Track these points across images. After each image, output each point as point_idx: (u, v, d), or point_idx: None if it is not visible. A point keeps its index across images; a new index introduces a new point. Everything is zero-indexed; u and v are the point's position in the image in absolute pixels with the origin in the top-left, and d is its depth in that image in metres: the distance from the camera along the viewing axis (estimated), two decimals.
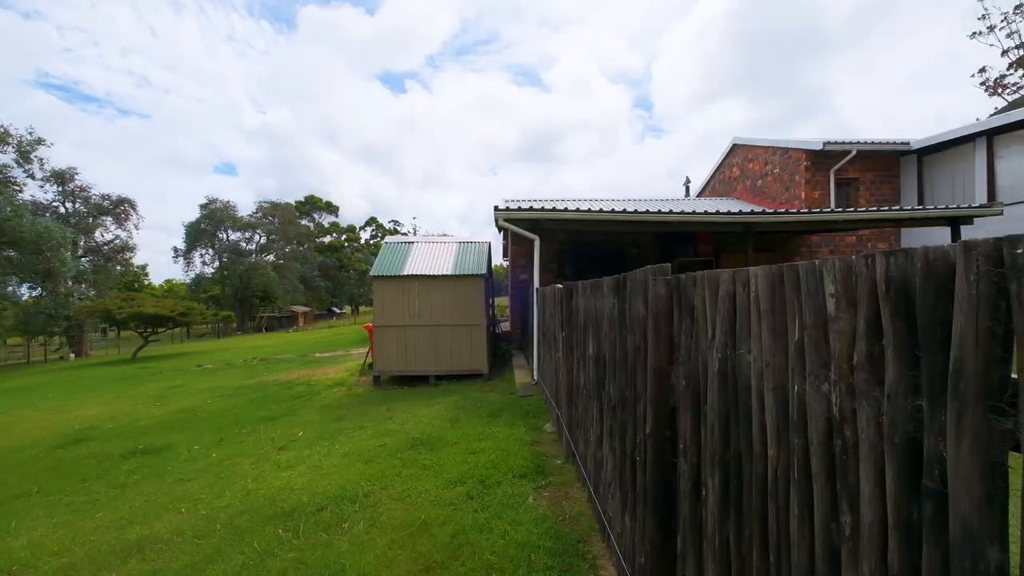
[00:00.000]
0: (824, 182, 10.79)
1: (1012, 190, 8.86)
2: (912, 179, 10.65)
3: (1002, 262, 0.68)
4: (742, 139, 13.27)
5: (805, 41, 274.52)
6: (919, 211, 6.88)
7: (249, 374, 11.80)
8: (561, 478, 3.98)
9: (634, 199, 14.03)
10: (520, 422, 5.53)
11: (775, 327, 1.17)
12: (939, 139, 9.93)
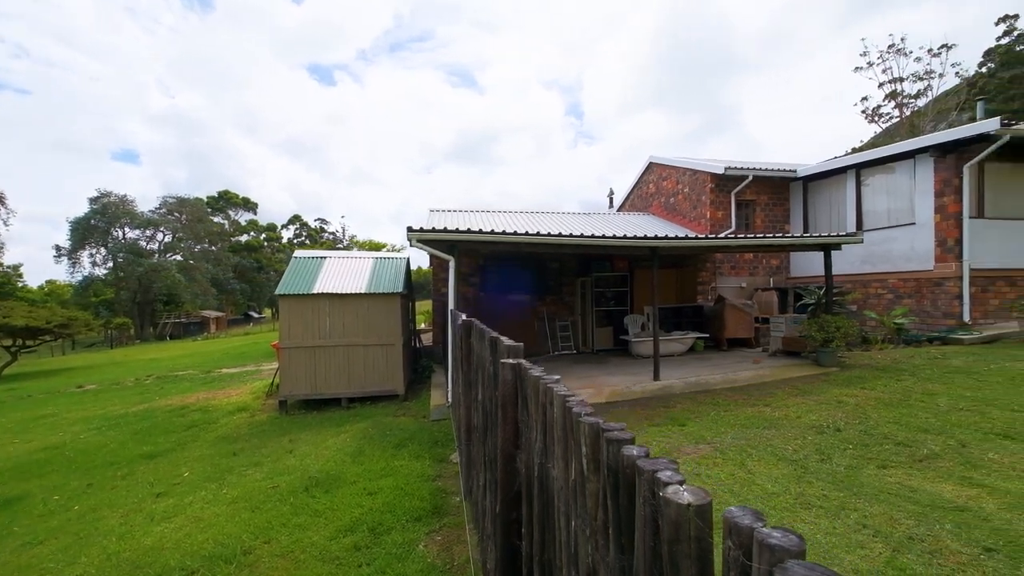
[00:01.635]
0: (727, 202, 11.67)
1: (874, 216, 10.08)
2: (799, 202, 11.80)
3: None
4: (657, 158, 14.02)
5: (719, 61, 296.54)
6: (798, 239, 7.62)
7: (139, 397, 10.68)
8: (457, 519, 3.95)
9: (561, 212, 14.36)
10: (426, 453, 5.44)
11: (566, 457, 1.20)
12: (819, 169, 11.08)
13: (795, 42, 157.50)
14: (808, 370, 7.56)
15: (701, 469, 4.33)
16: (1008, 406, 5.14)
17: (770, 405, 6.06)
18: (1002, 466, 3.87)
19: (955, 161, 8.52)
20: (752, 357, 8.84)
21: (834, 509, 3.46)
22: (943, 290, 8.70)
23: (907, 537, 3.05)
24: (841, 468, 4.12)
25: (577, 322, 11.20)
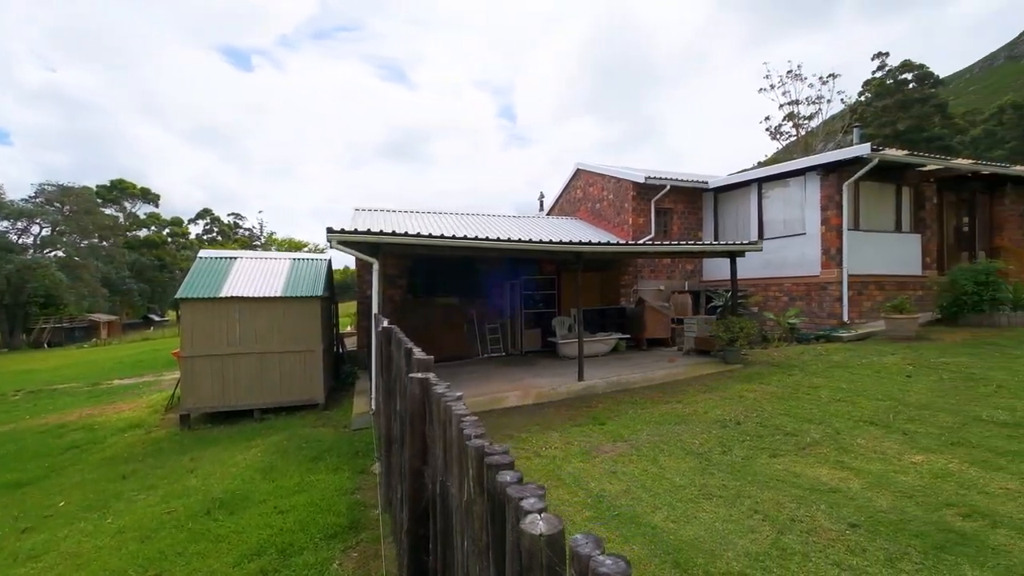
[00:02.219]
0: (647, 209, 12.33)
1: (773, 225, 11.14)
2: (711, 211, 12.75)
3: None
4: (584, 165, 14.51)
5: (643, 74, 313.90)
6: (708, 246, 8.25)
7: (3, 416, 9.27)
8: (376, 532, 3.82)
9: (493, 215, 14.42)
10: (346, 465, 5.22)
11: (460, 477, 1.20)
12: (727, 182, 12.04)
13: (710, 62, 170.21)
14: (716, 367, 8.18)
15: (618, 467, 4.53)
16: (874, 396, 5.89)
17: (682, 402, 6.48)
18: (867, 450, 4.42)
19: (837, 179, 9.63)
20: (668, 356, 9.41)
21: (731, 497, 3.77)
22: (827, 293, 9.80)
23: (790, 519, 3.39)
24: (739, 459, 4.49)
25: (507, 324, 11.30)
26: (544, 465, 4.65)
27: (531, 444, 5.28)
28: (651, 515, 3.58)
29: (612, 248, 7.63)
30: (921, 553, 2.90)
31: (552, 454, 4.94)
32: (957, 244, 11.67)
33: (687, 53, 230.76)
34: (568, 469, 4.54)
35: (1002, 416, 4.89)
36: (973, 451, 4.19)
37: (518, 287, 11.20)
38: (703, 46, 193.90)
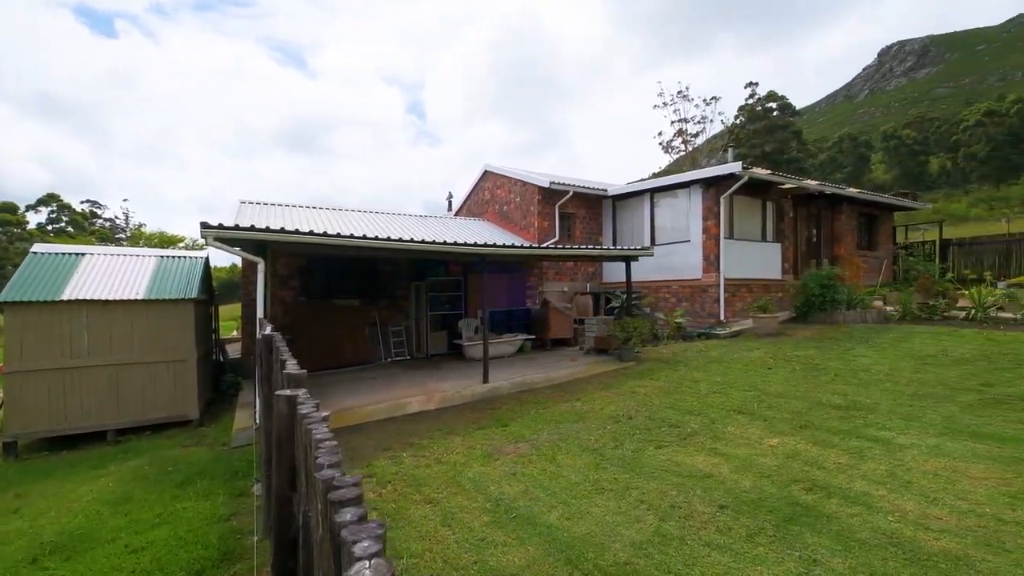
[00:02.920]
0: (552, 214, 12.73)
1: (664, 232, 12.09)
2: (610, 217, 13.52)
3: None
4: (491, 167, 14.62)
5: (550, 83, 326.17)
6: (606, 251, 8.72)
7: None
8: (251, 563, 3.45)
9: (398, 214, 13.93)
10: (222, 488, 4.67)
11: (317, 508, 1.08)
12: (624, 190, 12.86)
13: (611, 77, 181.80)
14: (613, 365, 8.67)
15: (518, 468, 4.57)
16: (742, 387, 6.61)
17: (580, 400, 6.75)
18: (736, 436, 4.94)
19: (715, 193, 10.72)
20: (570, 356, 9.78)
21: (621, 490, 3.97)
22: (708, 295, 10.86)
23: (670, 506, 3.65)
24: (630, 452, 4.77)
25: (412, 327, 10.98)
26: (444, 471, 4.56)
27: (432, 450, 5.15)
28: (547, 514, 3.65)
29: (515, 251, 7.74)
30: (774, 527, 3.27)
31: (453, 459, 4.86)
32: (808, 252, 13.59)
33: (590, 67, 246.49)
34: (469, 474, 4.49)
35: (837, 400, 5.75)
36: (815, 432, 4.86)
37: (424, 289, 10.95)
38: (605, 62, 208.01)
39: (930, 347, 7.63)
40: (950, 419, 4.94)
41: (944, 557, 2.82)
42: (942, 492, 3.54)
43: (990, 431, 4.56)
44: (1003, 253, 15.51)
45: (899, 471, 3.91)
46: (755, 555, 2.98)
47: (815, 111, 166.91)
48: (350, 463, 4.87)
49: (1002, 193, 55.62)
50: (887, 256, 15.89)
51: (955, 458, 4.06)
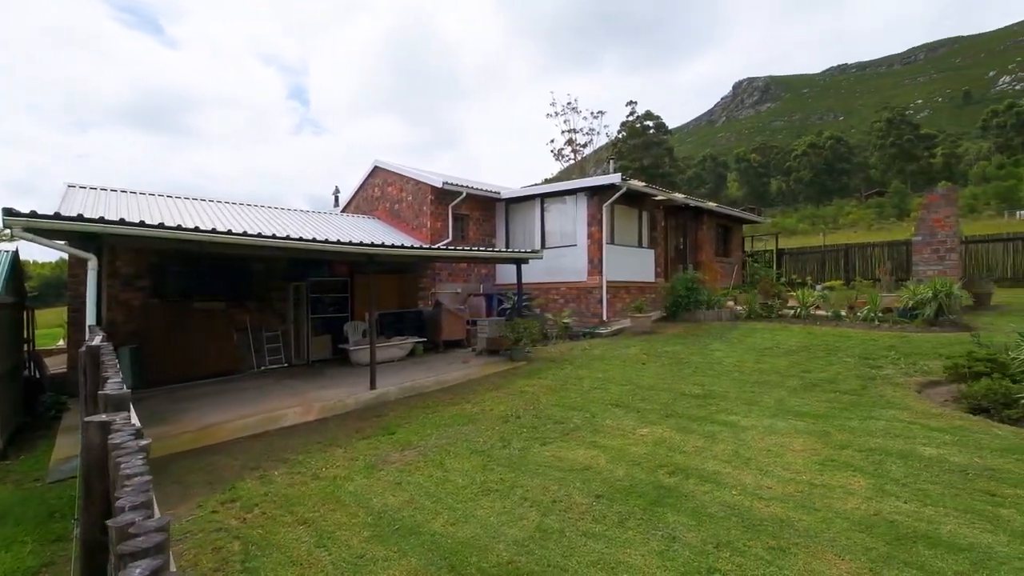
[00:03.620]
0: (445, 214, 12.61)
1: (553, 236, 12.64)
2: (503, 220, 13.77)
3: None
4: (382, 163, 14.06)
5: (446, 84, 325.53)
6: (498, 253, 8.88)
7: None
8: None
9: (276, 207, 12.72)
10: (30, 533, 3.82)
11: None
12: (517, 194, 13.20)
13: (508, 82, 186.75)
14: (504, 366, 8.83)
15: (404, 476, 4.42)
16: (620, 382, 7.15)
17: (471, 402, 6.76)
18: (613, 429, 5.31)
19: (598, 201, 11.49)
20: (463, 357, 9.76)
21: (507, 490, 4.04)
22: (592, 296, 11.59)
23: (552, 501, 3.79)
24: (516, 451, 4.87)
25: (289, 332, 10.10)
26: (322, 488, 4.24)
27: (310, 466, 4.77)
28: (432, 522, 3.57)
29: (406, 251, 7.51)
30: (642, 510, 3.56)
31: (333, 473, 4.55)
32: (676, 258, 15.19)
33: (486, 70, 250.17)
34: (350, 488, 4.24)
35: (696, 390, 6.48)
36: (679, 420, 5.42)
37: (305, 290, 10.14)
38: (501, 67, 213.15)
39: (768, 341, 8.96)
40: (780, 402, 5.83)
41: (772, 521, 3.30)
42: (773, 465, 4.16)
43: (807, 410, 5.48)
44: (820, 261, 18.86)
45: (742, 450, 4.51)
46: (625, 539, 3.21)
47: (684, 131, 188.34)
48: (208, 489, 4.31)
49: (820, 212, 67.48)
50: (738, 262, 18.38)
51: (783, 435, 4.80)
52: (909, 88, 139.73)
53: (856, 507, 3.42)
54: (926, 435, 4.54)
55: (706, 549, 3.05)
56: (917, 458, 4.09)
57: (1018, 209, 44.43)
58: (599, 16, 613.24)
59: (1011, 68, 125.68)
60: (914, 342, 7.91)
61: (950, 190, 11.59)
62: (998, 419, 4.79)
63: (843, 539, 3.05)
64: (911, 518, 3.23)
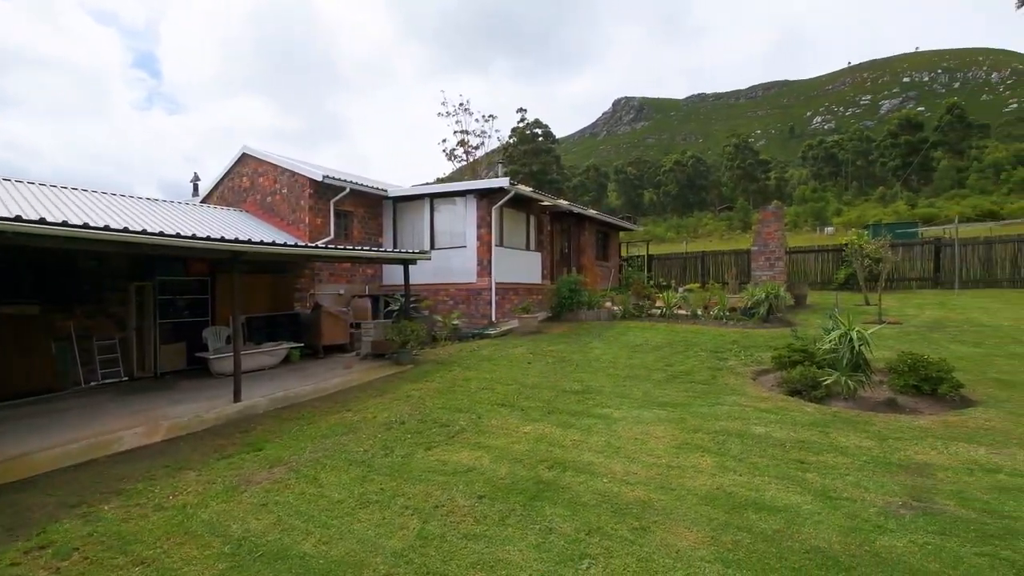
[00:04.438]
0: (326, 210, 11.80)
1: (443, 237, 12.53)
2: (390, 219, 13.31)
3: None
4: (253, 151, 12.73)
5: (328, 72, 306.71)
6: (383, 253, 8.54)
7: None
8: None
9: (121, 194, 10.80)
10: None
11: None
12: (405, 193, 12.85)
13: (395, 77, 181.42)
14: (390, 370, 8.51)
15: (271, 496, 4.03)
16: (506, 381, 7.31)
17: (352, 409, 6.40)
18: (497, 428, 5.40)
19: (488, 203, 11.66)
20: (345, 362, 9.22)
21: (387, 500, 3.88)
22: (481, 298, 11.72)
23: (434, 506, 3.74)
24: (399, 458, 4.71)
25: (131, 339, 8.64)
26: (167, 519, 3.69)
27: (152, 495, 4.12)
28: (302, 543, 3.30)
29: (279, 249, 6.87)
30: (522, 506, 3.67)
31: (183, 501, 3.98)
32: (561, 261, 16.03)
33: (373, 64, 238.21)
34: (203, 516, 3.74)
35: (576, 387, 6.88)
36: (559, 416, 5.70)
37: (151, 291, 8.76)
38: (389, 62, 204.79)
39: (639, 338, 9.85)
40: (647, 393, 6.44)
41: (636, 504, 3.62)
42: (639, 452, 4.56)
43: (668, 400, 6.12)
44: (682, 266, 21.26)
45: (613, 440, 4.88)
46: (505, 536, 3.28)
47: (570, 141, 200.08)
48: (7, 537, 3.50)
49: (684, 222, 76.25)
50: (615, 266, 19.97)
51: (648, 424, 5.30)
52: (751, 119, 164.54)
53: (703, 483, 3.89)
54: (757, 416, 5.34)
55: (579, 537, 3.24)
56: (750, 436, 4.79)
57: (826, 225, 54.77)
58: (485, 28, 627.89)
59: (821, 111, 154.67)
60: (752, 337, 9.28)
61: (778, 208, 13.84)
62: (808, 399, 5.81)
63: (693, 513, 3.45)
64: (744, 488, 3.77)
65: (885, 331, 9.00)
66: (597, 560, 2.98)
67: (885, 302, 11.82)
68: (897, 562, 2.82)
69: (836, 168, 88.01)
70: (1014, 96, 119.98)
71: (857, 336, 5.89)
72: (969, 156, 72.47)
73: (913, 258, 16.32)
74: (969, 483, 3.69)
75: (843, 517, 3.30)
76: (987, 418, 5.00)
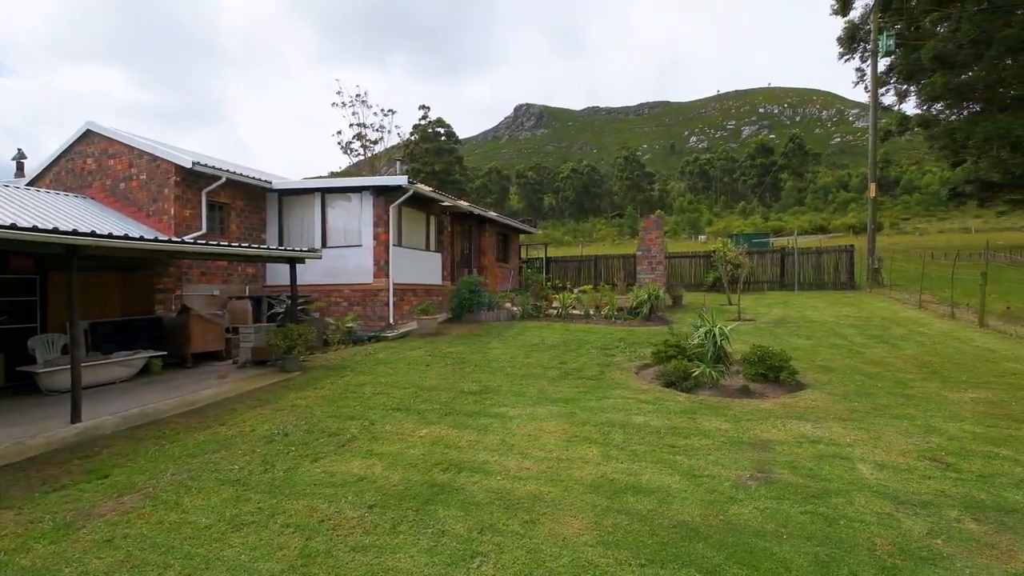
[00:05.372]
0: (197, 201, 10.52)
1: (336, 234, 11.85)
2: (275, 213, 12.25)
3: None
4: (101, 128, 10.91)
5: (201, 47, 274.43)
6: (264, 250, 7.80)
7: None
8: None
9: None
10: None
11: None
12: (293, 186, 11.93)
13: (282, 59, 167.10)
14: (274, 378, 7.83)
15: (117, 530, 3.48)
16: (403, 385, 7.12)
17: (226, 423, 5.77)
18: (392, 434, 5.23)
19: (385, 201, 11.26)
20: (219, 371, 8.29)
21: (265, 519, 3.56)
22: (378, 299, 11.28)
23: (319, 521, 3.51)
24: (281, 473, 4.35)
25: None
26: None
27: None
28: None
29: (132, 244, 5.95)
30: (415, 512, 3.59)
31: None
32: (462, 262, 16.03)
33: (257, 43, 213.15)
34: (23, 562, 3.13)
35: (474, 387, 6.92)
36: (457, 417, 5.69)
37: None
38: (274, 42, 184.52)
39: (536, 338, 10.20)
40: (542, 391, 6.68)
41: (527, 498, 3.74)
42: (532, 448, 4.72)
43: (562, 396, 6.42)
44: (577, 269, 22.46)
45: (508, 438, 4.99)
46: (395, 544, 3.18)
47: (473, 143, 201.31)
48: None
49: (581, 226, 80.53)
50: (515, 268, 20.48)
51: (541, 420, 5.50)
52: (639, 134, 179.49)
53: (589, 473, 4.14)
54: (638, 407, 5.82)
55: (471, 536, 3.25)
56: (631, 426, 5.21)
57: (700, 234, 61.56)
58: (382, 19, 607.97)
59: (696, 131, 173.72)
60: (636, 334, 10.10)
61: (659, 217, 15.25)
62: (680, 389, 6.47)
63: (579, 502, 3.66)
64: (624, 474, 4.08)
65: (742, 327, 10.37)
66: (488, 557, 3.02)
67: (743, 302, 13.61)
68: (744, 527, 3.26)
69: (708, 183, 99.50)
70: (838, 132, 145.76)
71: (719, 332, 6.70)
72: (807, 179, 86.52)
73: (765, 264, 19.00)
74: (799, 454, 4.38)
75: (704, 492, 3.73)
76: (814, 399, 5.98)
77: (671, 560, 2.94)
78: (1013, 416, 5.24)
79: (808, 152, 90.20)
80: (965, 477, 3.88)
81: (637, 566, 2.90)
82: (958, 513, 3.36)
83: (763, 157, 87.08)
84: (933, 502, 3.51)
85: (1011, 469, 4.01)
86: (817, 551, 2.99)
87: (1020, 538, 3.07)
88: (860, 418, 5.27)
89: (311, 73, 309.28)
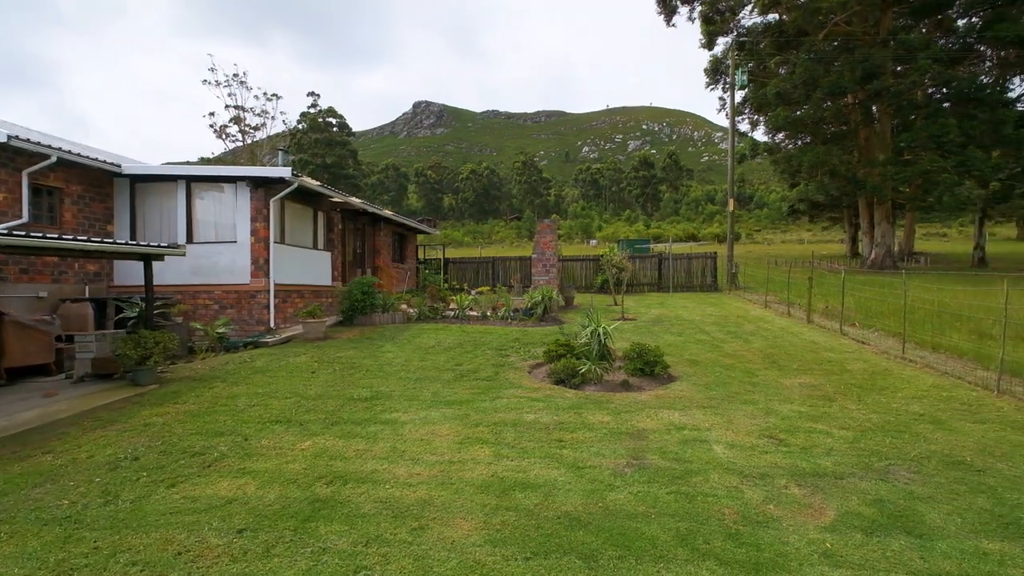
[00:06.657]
0: (16, 184, 8.68)
1: (205, 229, 10.57)
2: (127, 203, 10.58)
3: None
4: None
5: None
6: (110, 245, 6.67)
7: None
8: None
9: None
10: None
11: None
12: (150, 171, 10.40)
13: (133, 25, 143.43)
14: (122, 393, 6.74)
15: None
16: (284, 395, 6.57)
17: (54, 451, 4.84)
18: (269, 449, 4.80)
19: (265, 194, 10.30)
20: (46, 389, 6.93)
21: (104, 560, 3.05)
22: (256, 301, 10.27)
23: (176, 554, 3.09)
24: (127, 504, 3.76)
25: None
26: None
27: None
28: None
29: None
30: (292, 531, 3.33)
31: None
32: (354, 262, 15.26)
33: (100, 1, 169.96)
34: None
35: (365, 393, 6.62)
36: (344, 427, 5.39)
37: None
38: (124, 1, 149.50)
39: (432, 340, 10.06)
40: (436, 394, 6.60)
41: (417, 504, 3.67)
42: (423, 453, 4.64)
43: (456, 398, 6.40)
44: (476, 270, 22.61)
45: (399, 444, 4.85)
46: (268, 569, 2.92)
47: (369, 137, 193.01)
48: None
49: (480, 228, 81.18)
50: (412, 268, 20.02)
51: (435, 424, 5.44)
52: (536, 141, 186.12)
53: (481, 473, 4.18)
54: (529, 405, 6.02)
55: (356, 550, 3.10)
56: (523, 424, 5.37)
57: (591, 238, 65.54)
58: None
59: (588, 142, 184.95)
60: (531, 334, 10.44)
61: (553, 222, 15.95)
62: (569, 386, 6.82)
63: (469, 503, 3.68)
64: (514, 472, 4.20)
65: (625, 326, 11.26)
66: (373, 570, 2.91)
67: (626, 302, 14.78)
68: (620, 511, 3.53)
69: (599, 191, 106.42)
70: (707, 151, 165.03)
71: (603, 332, 7.19)
72: (681, 192, 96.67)
73: (646, 268, 20.82)
74: (667, 440, 4.87)
75: (586, 482, 3.98)
76: (682, 390, 6.69)
77: (554, 550, 3.08)
78: (827, 396, 6.36)
79: (683, 168, 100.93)
80: (792, 450, 4.62)
81: (523, 560, 2.99)
82: (786, 481, 3.99)
83: (645, 170, 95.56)
84: (768, 473, 4.13)
85: (824, 441, 4.86)
86: (679, 526, 3.34)
87: (829, 497, 3.73)
88: (717, 404, 6.01)
89: (175, 45, 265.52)
